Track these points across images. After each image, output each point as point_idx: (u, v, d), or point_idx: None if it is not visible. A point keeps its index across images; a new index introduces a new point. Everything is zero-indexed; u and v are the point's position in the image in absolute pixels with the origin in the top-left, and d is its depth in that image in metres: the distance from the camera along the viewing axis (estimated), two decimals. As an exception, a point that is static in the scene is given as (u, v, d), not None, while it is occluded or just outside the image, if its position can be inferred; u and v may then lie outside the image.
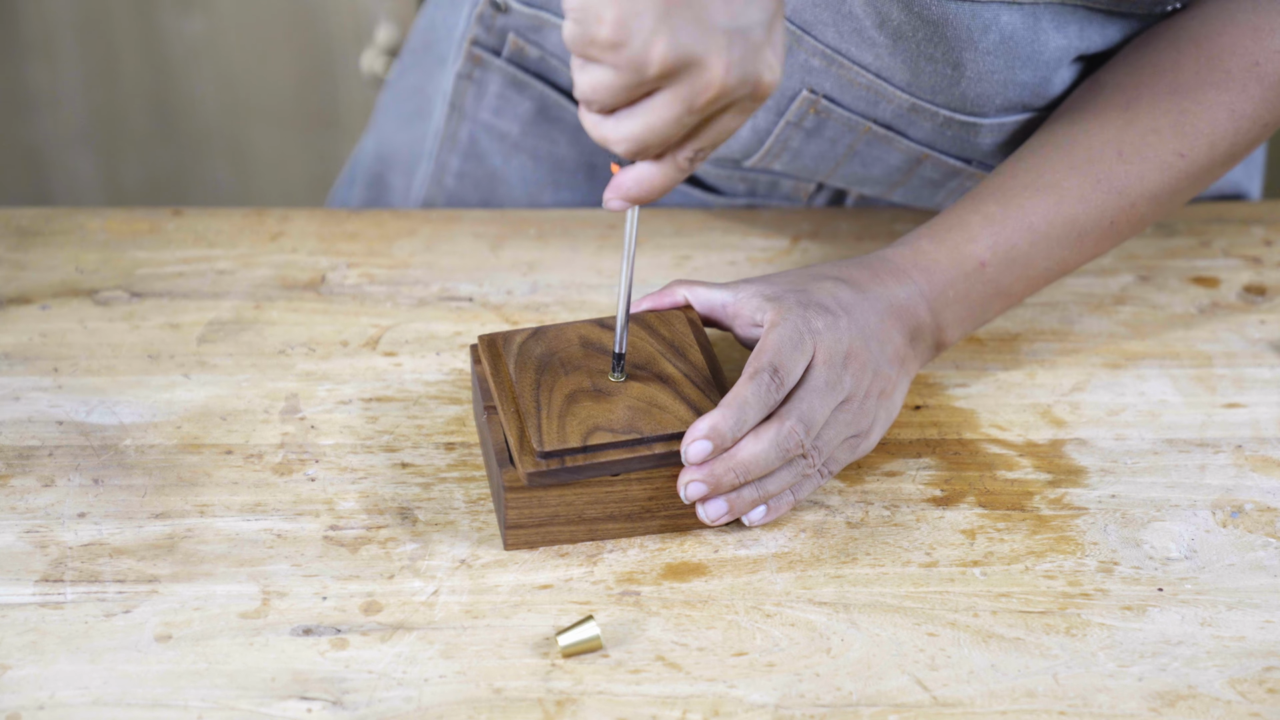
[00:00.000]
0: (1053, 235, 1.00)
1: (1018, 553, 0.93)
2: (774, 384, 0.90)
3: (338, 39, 2.07)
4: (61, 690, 0.84)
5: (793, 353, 0.91)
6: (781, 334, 0.92)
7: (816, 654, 0.87)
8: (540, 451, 0.89)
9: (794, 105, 1.09)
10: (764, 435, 0.90)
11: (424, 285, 1.12)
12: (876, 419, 0.96)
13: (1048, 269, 1.01)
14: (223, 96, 2.13)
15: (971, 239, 1.00)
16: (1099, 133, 1.01)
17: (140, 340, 1.07)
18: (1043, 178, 1.01)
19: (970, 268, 1.00)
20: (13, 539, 0.93)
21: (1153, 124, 1.00)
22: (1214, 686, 0.86)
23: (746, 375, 0.90)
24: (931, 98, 1.07)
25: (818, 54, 1.07)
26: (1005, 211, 1.00)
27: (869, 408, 0.95)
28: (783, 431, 0.90)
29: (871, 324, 0.96)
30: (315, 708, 0.84)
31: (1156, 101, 1.01)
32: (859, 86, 1.08)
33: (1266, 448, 1.00)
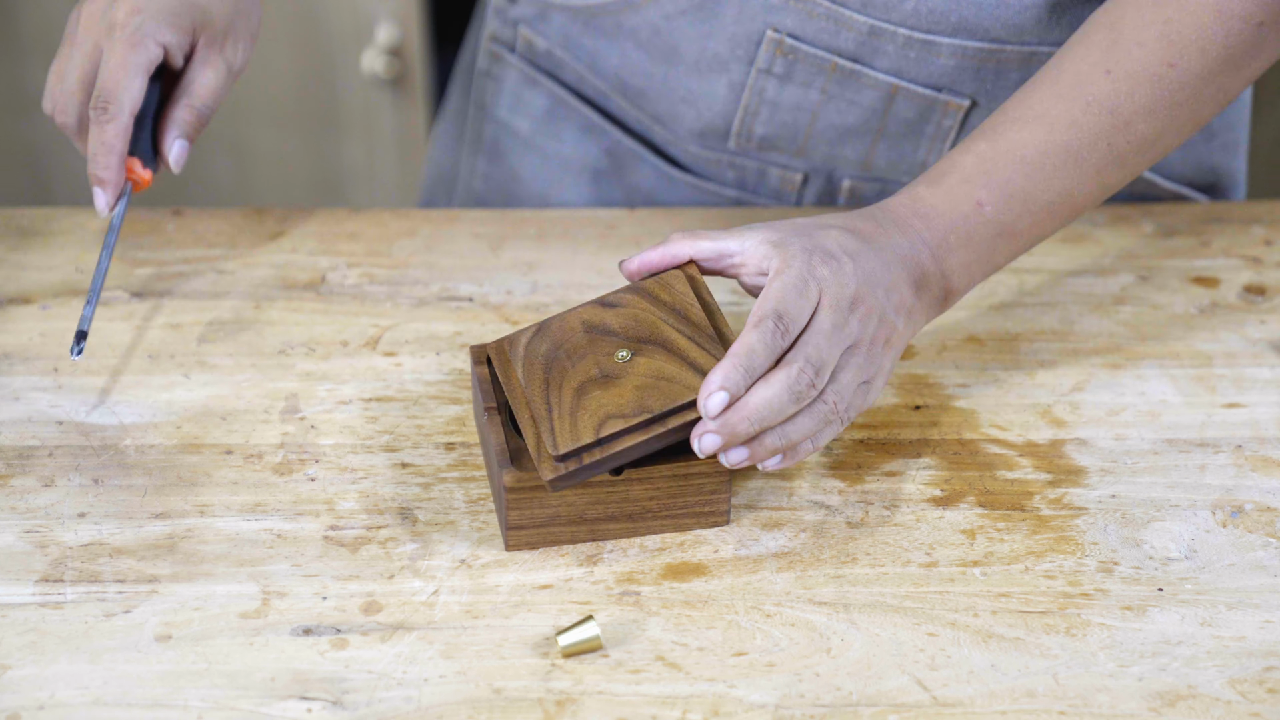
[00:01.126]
0: (1048, 166, 0.98)
1: (1018, 553, 0.93)
2: (779, 330, 0.89)
3: (338, 39, 2.07)
4: (61, 690, 0.84)
5: (798, 299, 0.90)
6: (786, 280, 0.91)
7: (816, 654, 0.87)
8: (557, 455, 0.89)
9: (761, 50, 1.11)
10: (774, 380, 0.89)
11: (424, 285, 1.12)
12: (882, 367, 0.94)
13: (1051, 202, 0.99)
14: (223, 96, 2.13)
15: (966, 180, 0.98)
16: (1085, 55, 0.99)
17: (140, 340, 1.07)
18: (1031, 109, 0.99)
19: (968, 209, 0.98)
20: (13, 539, 0.93)
21: (1138, 37, 0.98)
22: (1214, 686, 0.86)
23: (751, 323, 0.89)
24: (886, 15, 1.07)
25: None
26: (995, 148, 0.98)
27: (876, 354, 0.94)
28: (792, 374, 0.89)
29: (877, 272, 0.94)
30: (315, 708, 0.84)
31: (1140, 14, 0.98)
32: (818, 17, 1.09)
33: (1266, 448, 1.00)
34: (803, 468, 0.98)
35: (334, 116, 2.13)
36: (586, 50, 1.21)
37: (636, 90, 1.20)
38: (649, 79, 1.18)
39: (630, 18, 1.16)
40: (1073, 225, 1.18)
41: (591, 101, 1.24)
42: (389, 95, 2.09)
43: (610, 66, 1.20)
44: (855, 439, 1.00)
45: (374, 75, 2.06)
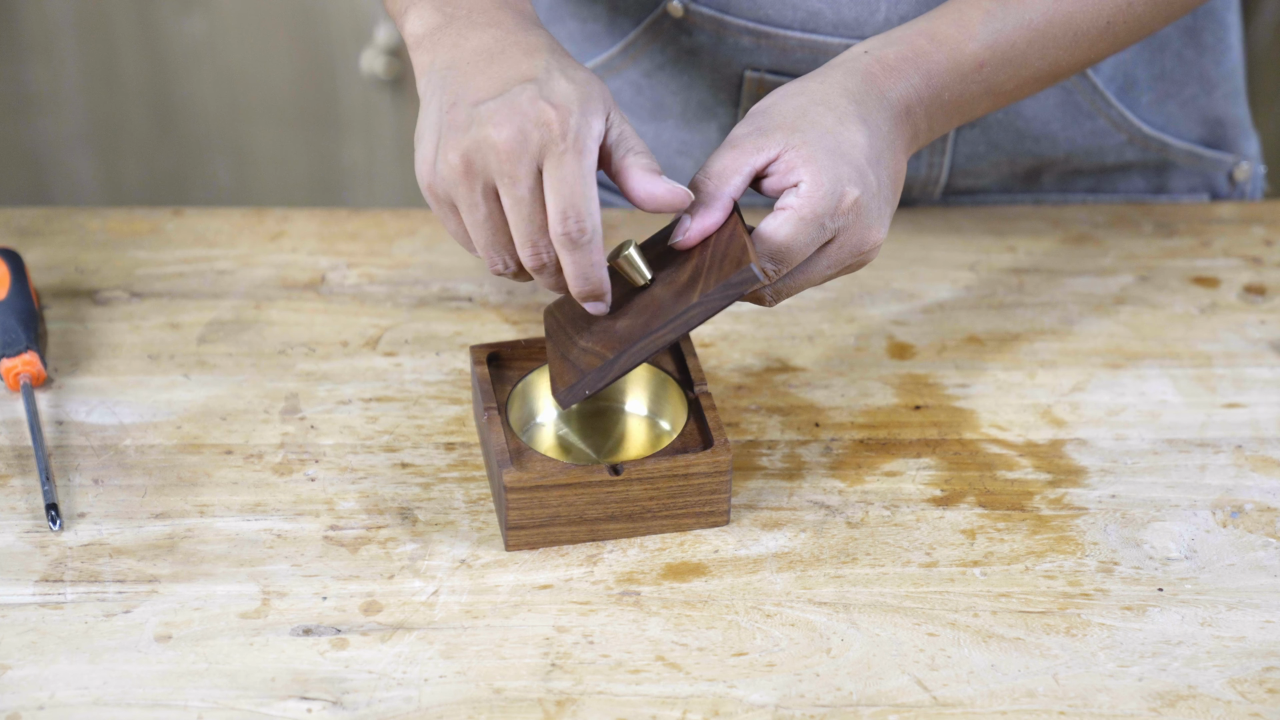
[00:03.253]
0: (1050, 34, 0.98)
1: (1018, 553, 0.93)
2: (770, 275, 0.90)
3: (338, 39, 2.07)
4: (61, 690, 0.84)
5: (805, 244, 0.89)
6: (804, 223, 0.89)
7: (816, 654, 0.87)
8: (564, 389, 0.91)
9: (744, 91, 1.11)
10: None
11: (424, 285, 1.12)
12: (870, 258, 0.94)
13: (1039, 70, 0.99)
14: (223, 96, 2.13)
15: (971, 37, 0.97)
16: None
17: (140, 340, 1.07)
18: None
19: (968, 69, 0.97)
20: (13, 539, 0.93)
21: None
22: (1214, 686, 0.86)
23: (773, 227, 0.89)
24: (859, 33, 1.07)
25: (744, 33, 1.08)
26: (1005, 8, 0.97)
27: (863, 262, 0.94)
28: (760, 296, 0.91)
29: (892, 171, 0.93)
30: (315, 708, 0.84)
31: None
32: (793, 50, 1.09)
33: (1266, 448, 1.00)
34: (803, 467, 0.98)
35: (334, 116, 2.13)
36: None
37: None
38: (641, 138, 1.18)
39: (612, 80, 1.16)
40: (1073, 225, 1.18)
41: None
42: (389, 95, 2.09)
43: None
44: (855, 439, 1.01)
45: (374, 75, 2.06)
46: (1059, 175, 1.21)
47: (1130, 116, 1.16)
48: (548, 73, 0.88)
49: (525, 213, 0.87)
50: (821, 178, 0.89)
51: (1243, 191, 1.25)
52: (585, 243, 0.87)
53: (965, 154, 1.17)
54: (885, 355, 1.07)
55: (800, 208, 0.89)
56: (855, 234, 0.91)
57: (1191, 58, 1.17)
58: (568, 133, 0.86)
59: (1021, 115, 1.15)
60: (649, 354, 0.89)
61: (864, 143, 0.91)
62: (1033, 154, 1.17)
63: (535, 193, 0.86)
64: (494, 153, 0.86)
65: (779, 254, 0.89)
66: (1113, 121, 1.16)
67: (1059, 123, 1.16)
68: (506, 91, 0.87)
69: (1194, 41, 1.17)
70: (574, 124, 0.86)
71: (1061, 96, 1.14)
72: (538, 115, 0.86)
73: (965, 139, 1.16)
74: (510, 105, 0.86)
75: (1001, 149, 1.16)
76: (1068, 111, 1.15)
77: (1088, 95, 1.14)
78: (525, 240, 0.88)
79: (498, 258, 0.89)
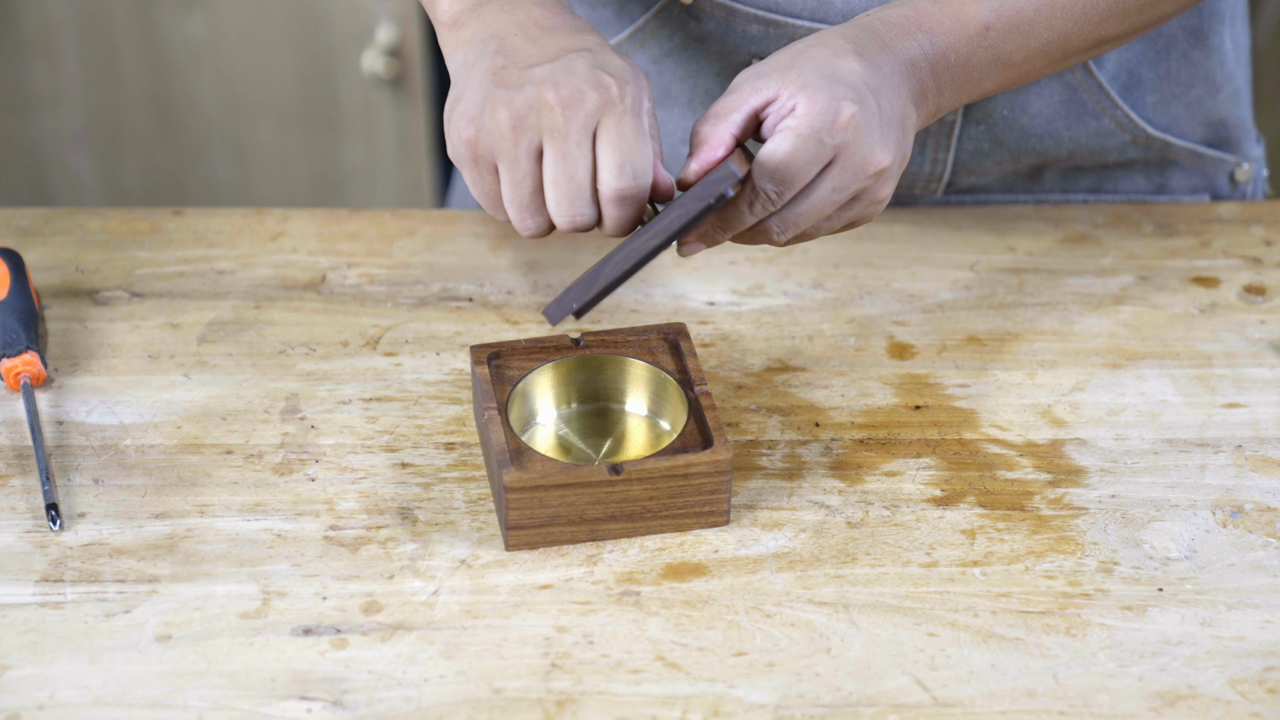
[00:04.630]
0: (1058, 3, 0.98)
1: (1018, 553, 0.93)
2: (771, 199, 0.89)
3: (338, 39, 2.07)
4: (61, 690, 0.84)
5: (806, 163, 0.89)
6: (801, 139, 0.89)
7: (816, 654, 0.87)
8: None
9: None
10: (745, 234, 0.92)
11: (424, 285, 1.12)
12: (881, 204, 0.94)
13: (1049, 41, 0.99)
14: (223, 96, 2.13)
15: (977, 0, 0.97)
16: None
17: (140, 340, 1.07)
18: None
19: (973, 31, 0.97)
20: (13, 539, 0.93)
21: None
22: (1214, 686, 0.86)
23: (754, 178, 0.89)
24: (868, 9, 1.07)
25: (752, 20, 1.08)
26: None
27: (878, 205, 0.93)
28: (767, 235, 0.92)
29: (894, 106, 0.92)
30: (315, 708, 0.84)
31: None
32: (801, 37, 1.09)
33: (1266, 448, 1.00)
34: (803, 467, 0.98)
35: (334, 116, 2.13)
36: None
37: None
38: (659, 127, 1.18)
39: None
40: (1073, 225, 1.18)
41: None
42: (389, 95, 2.09)
43: None
44: (855, 439, 1.01)
45: (374, 75, 2.06)
46: (1061, 173, 1.21)
47: (1135, 117, 1.16)
48: (600, 47, 0.89)
49: (570, 169, 0.88)
50: (817, 96, 0.89)
51: (1244, 193, 1.25)
52: (635, 198, 0.88)
53: (969, 150, 1.17)
54: (885, 355, 1.07)
55: (797, 125, 0.89)
56: (856, 153, 0.90)
57: (1198, 59, 1.17)
58: (625, 96, 0.87)
59: (1026, 112, 1.15)
60: (635, 261, 0.88)
61: (860, 70, 0.91)
62: (1036, 152, 1.17)
63: (584, 149, 0.88)
64: (548, 110, 0.87)
65: (779, 173, 0.89)
66: (1117, 122, 1.16)
67: (1063, 121, 1.16)
68: (562, 57, 0.89)
69: (1200, 43, 1.17)
70: (631, 91, 0.88)
71: (1066, 95, 1.14)
72: (595, 79, 0.88)
73: (969, 136, 1.16)
74: (567, 69, 0.88)
75: (1005, 147, 1.16)
76: (1072, 110, 1.15)
77: (1093, 94, 1.15)
78: (565, 197, 0.88)
79: (530, 219, 0.90)
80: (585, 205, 0.89)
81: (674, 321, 1.02)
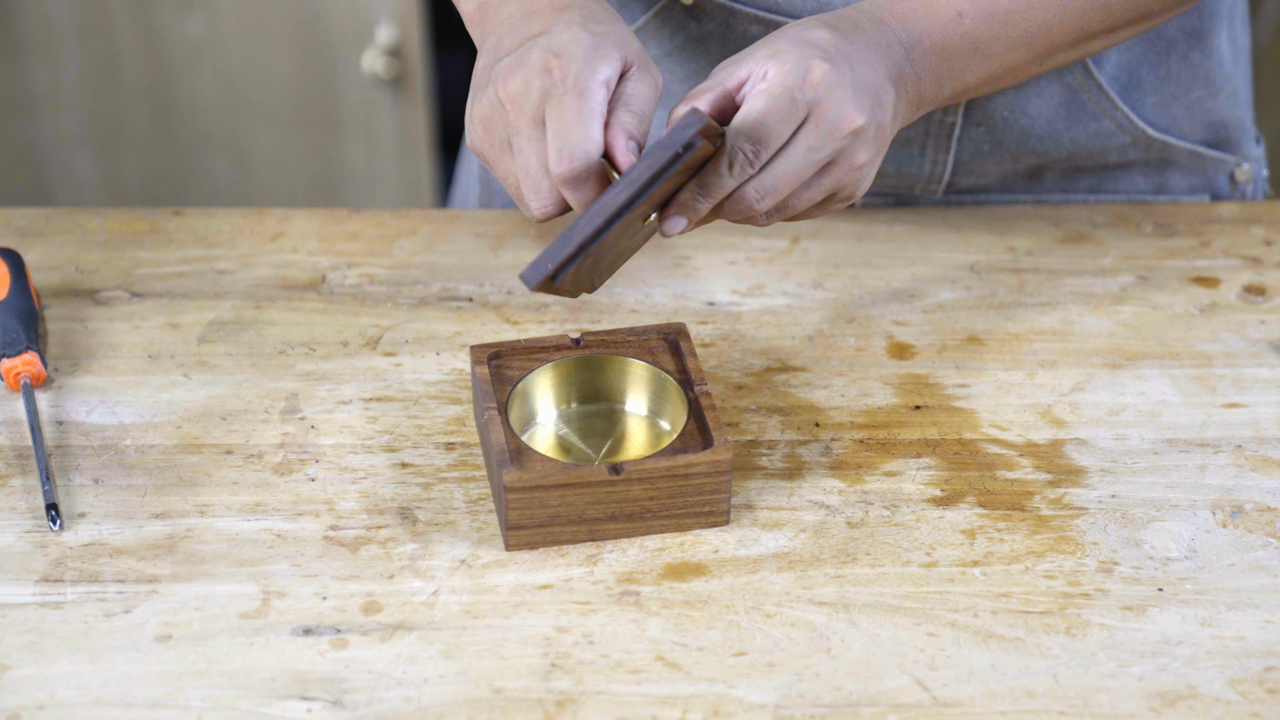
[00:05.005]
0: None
1: (1018, 553, 0.93)
2: (747, 160, 0.89)
3: (338, 39, 2.07)
4: (61, 690, 0.84)
5: (779, 123, 0.89)
6: (772, 98, 0.89)
7: (816, 654, 0.87)
8: None
9: None
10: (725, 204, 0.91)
11: (424, 285, 1.12)
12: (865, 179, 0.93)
13: (1029, 32, 0.99)
14: (223, 96, 2.13)
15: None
16: None
17: (140, 340, 1.07)
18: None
19: (947, 17, 0.97)
20: (13, 539, 0.93)
21: None
22: (1214, 686, 0.86)
23: (729, 139, 0.89)
24: None
25: (753, 22, 1.08)
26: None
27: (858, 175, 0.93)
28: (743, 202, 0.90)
29: (866, 74, 0.92)
30: (315, 708, 0.84)
31: None
32: None
33: (1266, 448, 1.00)
34: (803, 467, 0.98)
35: (334, 116, 2.13)
36: None
37: None
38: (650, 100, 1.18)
39: None
40: (1073, 225, 1.18)
41: None
42: (389, 95, 2.09)
43: None
44: (855, 439, 1.01)
45: (374, 75, 2.06)
46: (1061, 173, 1.21)
47: (1135, 119, 1.16)
48: (566, 25, 0.89)
49: (524, 164, 0.89)
50: (786, 58, 0.90)
51: (1244, 193, 1.25)
52: (581, 179, 0.88)
53: (969, 152, 1.17)
54: (885, 355, 1.07)
55: (769, 85, 0.89)
56: (829, 109, 0.90)
57: (1198, 60, 1.17)
58: (568, 76, 0.87)
59: (1026, 114, 1.15)
60: (606, 216, 0.87)
61: (830, 37, 0.92)
62: (1036, 153, 1.17)
63: (535, 141, 0.88)
64: (502, 109, 0.88)
65: (753, 132, 0.89)
66: (1117, 124, 1.16)
67: (1063, 122, 1.16)
68: (520, 48, 0.89)
69: (1200, 44, 1.17)
70: (575, 68, 0.87)
71: (1066, 96, 1.14)
72: (543, 64, 0.87)
73: (969, 137, 1.16)
74: (521, 59, 0.88)
75: (1005, 148, 1.16)
76: (1072, 112, 1.15)
77: (1093, 96, 1.14)
78: (528, 190, 0.90)
79: (526, 209, 0.91)
80: (546, 195, 0.89)
81: (674, 321, 1.02)
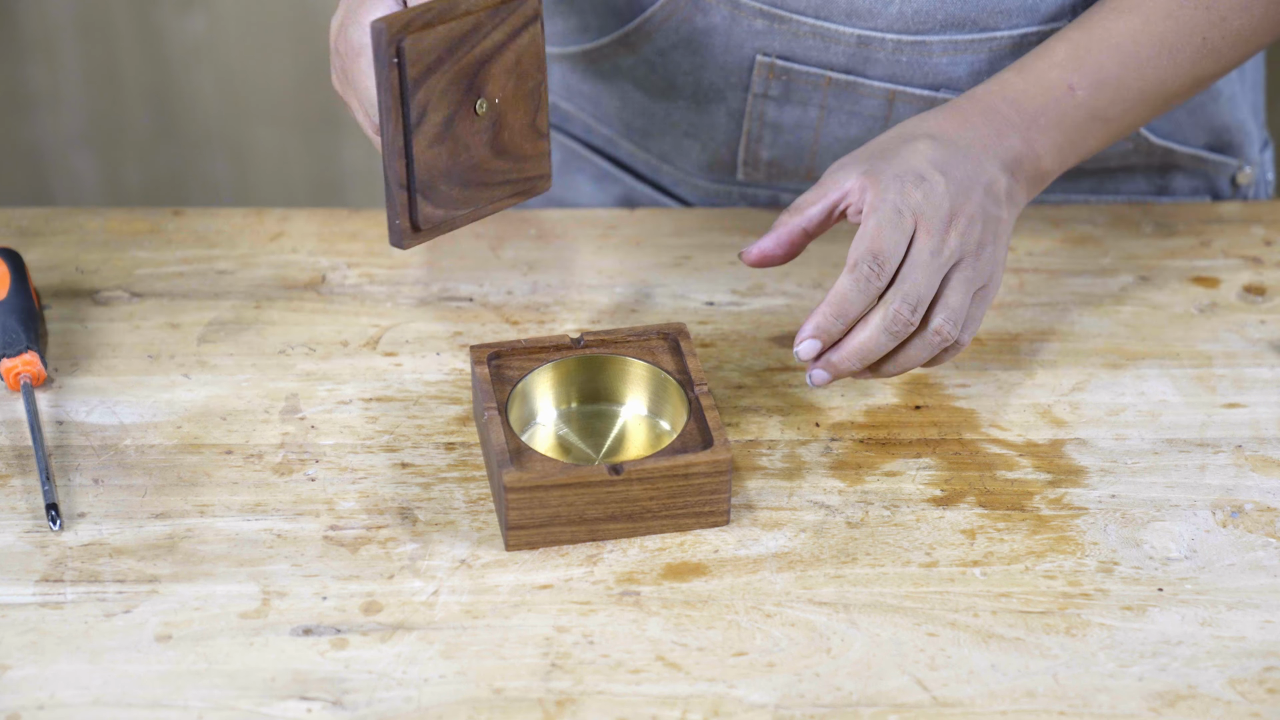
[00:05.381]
0: (1141, 55, 0.99)
1: (1018, 553, 0.93)
2: (873, 273, 0.92)
3: (338, 39, 2.07)
4: (61, 690, 0.84)
5: (893, 233, 0.92)
6: (881, 217, 0.92)
7: (816, 654, 0.87)
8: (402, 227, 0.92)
9: (754, 75, 1.11)
10: (871, 323, 0.93)
11: (424, 285, 1.12)
12: (996, 261, 0.96)
13: (1144, 91, 1.00)
14: (223, 96, 2.13)
15: (1057, 65, 0.99)
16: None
17: (140, 340, 1.07)
18: (1125, 0, 1.00)
19: (1059, 93, 0.99)
20: (13, 539, 0.93)
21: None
22: (1214, 686, 0.86)
23: (848, 267, 0.92)
24: (872, 24, 1.08)
25: (758, 15, 1.09)
26: (1089, 35, 1.00)
27: (985, 257, 0.96)
28: (889, 316, 0.92)
29: (971, 175, 0.95)
30: (315, 708, 0.84)
31: None
32: (804, 35, 1.09)
33: (1266, 448, 1.00)
34: (803, 467, 0.98)
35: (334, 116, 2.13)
36: (587, 96, 1.22)
37: (640, 130, 1.20)
38: (650, 117, 1.19)
39: (625, 58, 1.16)
40: (1073, 225, 1.18)
41: (601, 150, 1.25)
42: (389, 95, 2.09)
43: (612, 109, 1.21)
44: (855, 439, 1.00)
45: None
46: (1063, 175, 1.20)
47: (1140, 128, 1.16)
48: None
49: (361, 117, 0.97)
50: (884, 179, 0.93)
51: (1245, 196, 1.25)
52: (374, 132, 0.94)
53: None
54: (885, 355, 1.07)
55: (873, 204, 0.93)
56: (933, 215, 0.93)
57: None
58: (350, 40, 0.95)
59: None
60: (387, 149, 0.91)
61: (928, 151, 0.95)
62: None
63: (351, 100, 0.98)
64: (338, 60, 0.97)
65: (871, 246, 0.92)
66: None
67: None
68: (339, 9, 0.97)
69: None
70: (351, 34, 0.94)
71: None
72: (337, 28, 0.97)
73: None
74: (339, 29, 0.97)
75: None
76: None
77: None
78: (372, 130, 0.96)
79: None
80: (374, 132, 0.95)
81: (674, 322, 1.02)
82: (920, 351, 0.95)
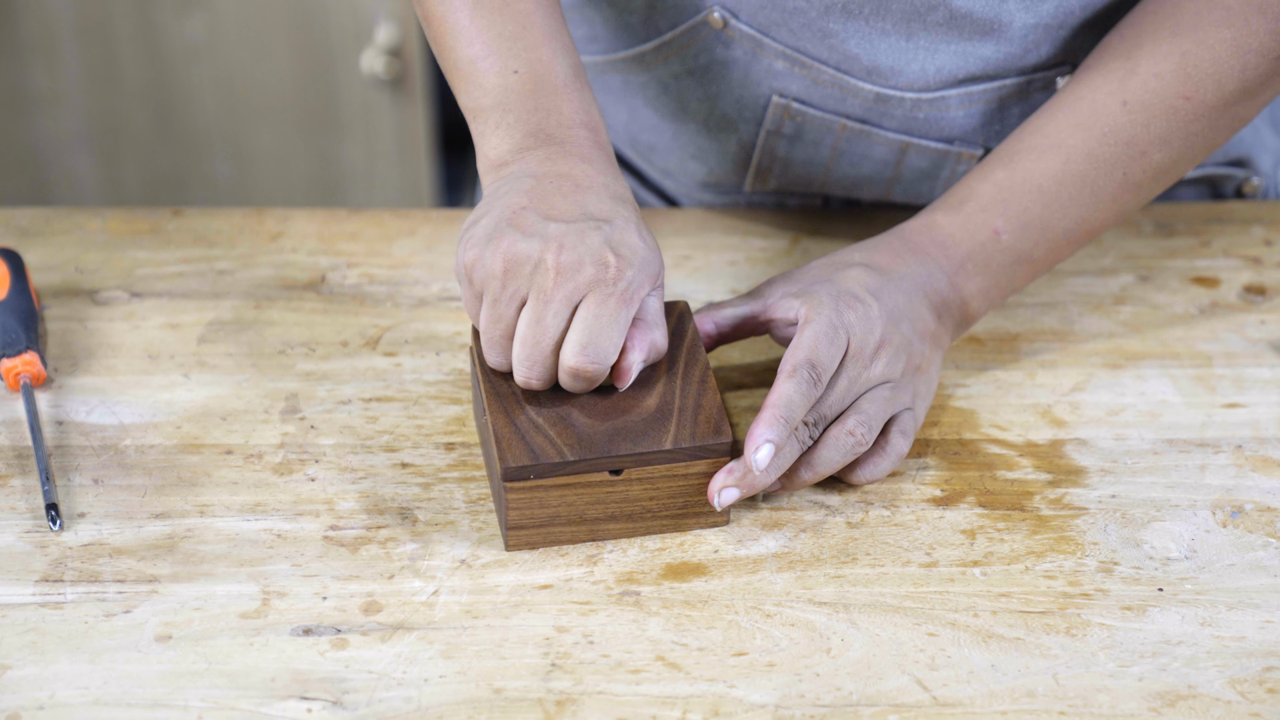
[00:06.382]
0: (1064, 195, 1.00)
1: (1018, 553, 0.93)
2: (813, 380, 0.92)
3: (338, 39, 2.07)
4: (61, 690, 0.84)
5: (828, 347, 0.93)
6: (816, 329, 0.93)
7: (816, 654, 0.87)
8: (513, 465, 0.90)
9: (768, 113, 1.11)
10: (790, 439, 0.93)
11: (424, 285, 1.12)
12: (918, 392, 0.98)
13: (1068, 230, 1.01)
14: (223, 96, 2.13)
15: (983, 208, 1.00)
16: (1102, 85, 1.00)
17: (140, 340, 1.07)
18: (1048, 138, 1.00)
19: (985, 237, 1.00)
20: (13, 539, 0.93)
21: (1155, 69, 0.99)
22: (1214, 686, 0.86)
23: (785, 373, 0.91)
24: (892, 83, 1.07)
25: (780, 56, 1.08)
26: (1012, 177, 1.00)
27: (906, 383, 0.97)
28: (800, 430, 0.93)
29: (900, 306, 0.97)
30: (315, 708, 0.84)
31: (1158, 46, 0.99)
32: (824, 84, 1.09)
33: (1266, 448, 1.00)
34: (803, 468, 0.98)
35: (334, 116, 2.13)
36: None
37: (646, 145, 1.20)
38: (659, 134, 1.18)
39: (638, 75, 1.16)
40: (1073, 225, 1.18)
41: None
42: (389, 95, 2.09)
43: (619, 123, 1.20)
44: (855, 439, 1.00)
45: (374, 75, 2.06)
46: None
47: None
48: (625, 223, 0.91)
49: (539, 334, 0.89)
50: (821, 299, 0.95)
51: None
52: (589, 377, 0.90)
53: None
54: (885, 355, 1.07)
55: (809, 317, 0.94)
56: (862, 337, 0.94)
57: None
58: (620, 280, 0.89)
59: None
60: (604, 470, 0.91)
61: (863, 277, 0.97)
62: None
63: (560, 319, 0.89)
64: (543, 270, 0.88)
65: (811, 358, 0.92)
66: None
67: None
68: (580, 222, 0.90)
69: None
70: (630, 276, 0.90)
71: None
72: (599, 256, 0.89)
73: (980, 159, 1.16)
74: (579, 236, 0.89)
75: None
76: None
77: None
78: (525, 359, 0.90)
79: (495, 355, 0.92)
80: (542, 370, 0.90)
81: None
82: (833, 454, 0.94)
